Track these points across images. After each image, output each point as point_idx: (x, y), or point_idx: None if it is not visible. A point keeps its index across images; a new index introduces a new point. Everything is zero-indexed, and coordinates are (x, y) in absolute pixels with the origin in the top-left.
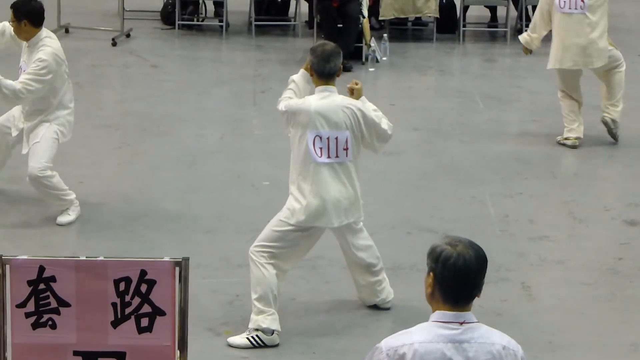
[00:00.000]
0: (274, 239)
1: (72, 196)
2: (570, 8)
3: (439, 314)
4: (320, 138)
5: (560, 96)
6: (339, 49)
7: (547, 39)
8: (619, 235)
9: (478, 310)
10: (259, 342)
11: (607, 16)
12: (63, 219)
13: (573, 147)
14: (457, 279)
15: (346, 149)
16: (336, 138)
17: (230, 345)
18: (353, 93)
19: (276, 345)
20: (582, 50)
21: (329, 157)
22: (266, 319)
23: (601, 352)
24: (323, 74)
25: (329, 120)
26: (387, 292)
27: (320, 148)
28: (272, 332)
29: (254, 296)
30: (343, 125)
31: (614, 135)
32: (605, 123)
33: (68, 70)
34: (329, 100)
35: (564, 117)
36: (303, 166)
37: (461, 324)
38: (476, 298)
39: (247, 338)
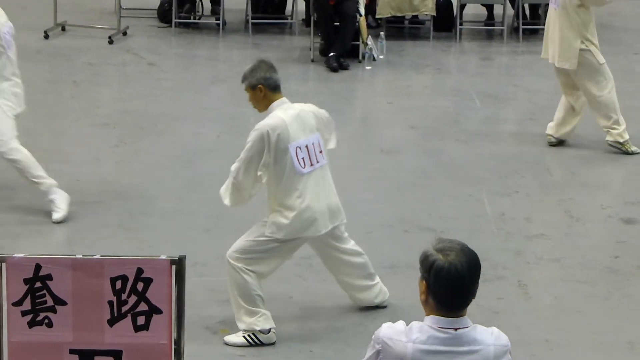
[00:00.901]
0: (255, 251)
1: (48, 181)
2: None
3: (433, 319)
4: (300, 148)
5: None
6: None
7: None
8: (615, 234)
9: (474, 309)
10: (256, 340)
11: (587, 19)
12: (56, 215)
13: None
14: (450, 290)
15: (321, 152)
16: (312, 143)
17: (227, 344)
18: None
19: (273, 343)
20: (555, 46)
21: (311, 164)
22: (259, 321)
23: (598, 350)
24: (277, 86)
25: (303, 127)
26: (384, 293)
27: (302, 158)
28: (269, 330)
29: (239, 299)
30: (314, 129)
31: (627, 152)
32: (611, 146)
33: (5, 44)
34: (292, 109)
35: None
36: (286, 182)
37: (455, 330)
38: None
39: (244, 337)
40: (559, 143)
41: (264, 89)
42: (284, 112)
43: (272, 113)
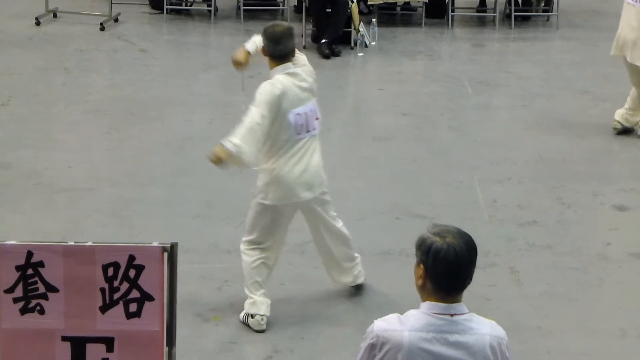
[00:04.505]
0: (256, 224)
1: None
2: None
3: (429, 305)
4: (300, 115)
5: None
6: (291, 29)
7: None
8: (607, 221)
9: (467, 296)
10: (246, 322)
11: None
12: None
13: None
14: (449, 272)
15: (317, 119)
16: (310, 110)
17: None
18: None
19: (262, 331)
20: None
21: (307, 131)
22: (249, 305)
23: (590, 337)
24: (274, 56)
25: (301, 94)
26: (362, 274)
27: (301, 125)
28: (253, 316)
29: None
30: (311, 95)
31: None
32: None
33: None
34: (293, 75)
35: None
36: (276, 145)
37: (452, 315)
38: None
39: (241, 316)
40: (624, 131)
41: (265, 53)
42: (284, 79)
43: (274, 77)
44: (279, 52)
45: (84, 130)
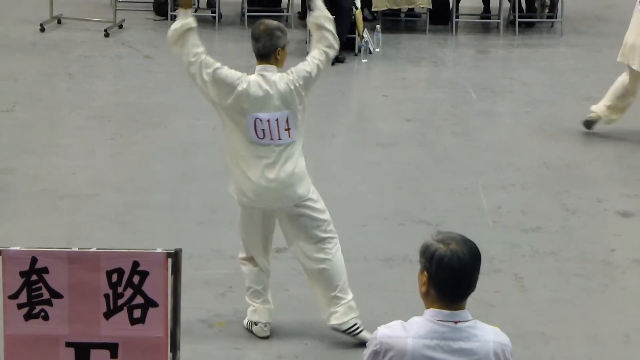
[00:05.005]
0: (241, 226)
1: None
2: None
3: (433, 312)
4: (261, 121)
5: None
6: (278, 27)
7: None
8: (611, 227)
9: (471, 302)
10: (249, 329)
11: None
12: None
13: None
14: (453, 279)
15: (287, 129)
16: (277, 119)
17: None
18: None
19: (266, 337)
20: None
21: (271, 138)
22: (250, 312)
23: (593, 342)
24: (256, 54)
25: (267, 99)
26: (344, 315)
27: (262, 130)
28: (256, 323)
29: None
30: (282, 105)
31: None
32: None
33: None
34: (264, 78)
35: None
36: (243, 146)
37: (455, 322)
38: None
39: (245, 322)
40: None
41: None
42: (255, 78)
43: (250, 75)
44: (256, 49)
45: (87, 136)
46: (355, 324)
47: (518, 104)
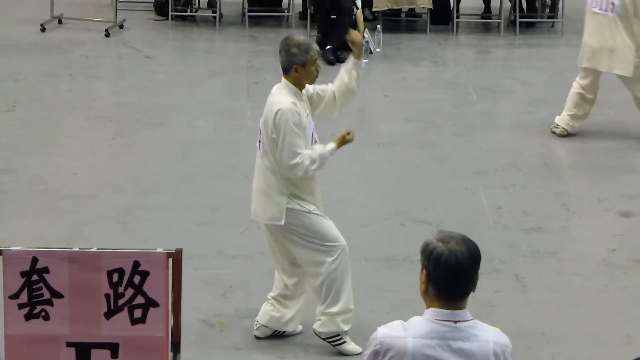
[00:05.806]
0: None
1: None
2: (600, 9)
3: (433, 312)
4: (260, 131)
5: None
6: (298, 44)
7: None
8: (612, 227)
9: (471, 302)
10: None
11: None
12: None
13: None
14: (450, 277)
15: (259, 141)
16: (260, 131)
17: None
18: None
19: (258, 337)
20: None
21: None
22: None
23: (594, 343)
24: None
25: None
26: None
27: (258, 139)
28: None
29: None
30: (263, 118)
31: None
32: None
33: None
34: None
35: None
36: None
37: (455, 322)
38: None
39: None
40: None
41: None
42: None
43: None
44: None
45: (88, 136)
46: (337, 335)
47: (519, 104)
